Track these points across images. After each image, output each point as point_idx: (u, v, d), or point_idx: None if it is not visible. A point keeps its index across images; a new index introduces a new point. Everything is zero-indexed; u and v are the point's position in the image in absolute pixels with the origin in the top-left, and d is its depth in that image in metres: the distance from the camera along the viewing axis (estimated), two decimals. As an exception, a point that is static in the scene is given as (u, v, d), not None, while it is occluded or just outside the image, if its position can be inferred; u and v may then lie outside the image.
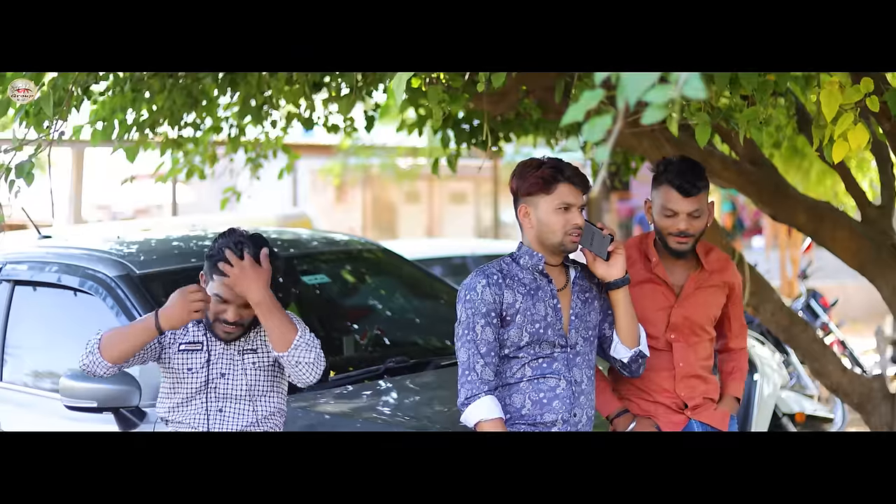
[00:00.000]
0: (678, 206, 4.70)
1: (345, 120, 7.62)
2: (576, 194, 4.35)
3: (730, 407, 4.90)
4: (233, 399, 4.55)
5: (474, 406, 4.29)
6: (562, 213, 4.34)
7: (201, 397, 4.54)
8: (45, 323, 6.00)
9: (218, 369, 4.55)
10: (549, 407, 4.36)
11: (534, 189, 4.36)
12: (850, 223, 6.39)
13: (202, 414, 4.54)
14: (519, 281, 4.40)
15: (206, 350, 4.56)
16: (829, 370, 6.66)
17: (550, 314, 4.39)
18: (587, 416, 4.44)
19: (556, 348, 4.39)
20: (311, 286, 6.07)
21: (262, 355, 4.60)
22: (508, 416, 4.36)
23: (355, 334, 5.97)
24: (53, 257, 5.97)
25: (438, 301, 6.46)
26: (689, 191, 4.68)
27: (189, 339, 4.56)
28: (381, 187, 26.80)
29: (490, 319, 4.33)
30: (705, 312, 4.87)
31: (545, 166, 4.35)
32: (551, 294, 4.41)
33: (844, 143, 4.47)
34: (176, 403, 4.57)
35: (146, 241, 6.30)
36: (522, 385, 4.37)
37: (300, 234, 6.78)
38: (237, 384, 4.56)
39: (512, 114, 6.67)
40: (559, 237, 4.36)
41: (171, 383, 4.58)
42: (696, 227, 4.74)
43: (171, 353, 4.56)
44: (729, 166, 6.39)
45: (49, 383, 5.69)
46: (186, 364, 4.55)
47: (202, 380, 4.54)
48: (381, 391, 5.34)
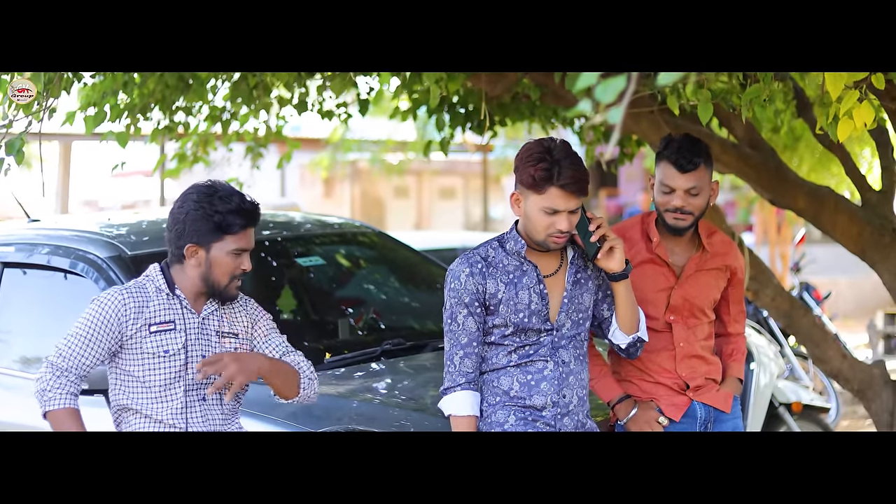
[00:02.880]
0: (675, 183, 4.64)
1: (338, 106, 7.54)
2: (567, 199, 4.19)
3: (733, 388, 4.84)
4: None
5: (449, 399, 4.29)
6: (548, 215, 4.22)
7: (180, 384, 4.30)
8: (35, 305, 5.91)
9: (197, 351, 4.32)
10: (536, 389, 4.29)
11: (526, 183, 4.25)
12: (851, 208, 6.33)
13: (180, 403, 4.30)
14: (503, 269, 4.31)
15: (183, 330, 4.32)
16: (830, 356, 6.60)
17: (536, 301, 4.31)
18: (577, 396, 4.36)
19: (542, 333, 4.32)
20: (306, 268, 5.99)
21: (242, 340, 4.42)
22: (498, 398, 4.31)
23: (350, 317, 5.89)
24: (43, 239, 5.87)
25: (434, 284, 6.39)
26: (684, 166, 4.62)
27: (160, 319, 4.31)
28: (370, 182, 26.76)
29: (473, 309, 4.28)
30: (705, 295, 4.80)
31: (542, 165, 4.18)
32: (537, 280, 4.32)
33: (850, 121, 4.41)
34: (154, 390, 4.30)
35: (137, 223, 6.22)
36: (510, 369, 4.31)
37: (293, 216, 6.70)
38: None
39: (508, 97, 6.58)
40: (541, 237, 4.26)
41: (146, 370, 4.30)
42: (695, 205, 4.67)
43: (139, 337, 4.28)
44: (728, 150, 6.32)
45: (39, 366, 5.59)
46: (162, 346, 4.28)
47: (181, 363, 4.30)
48: (377, 373, 5.27)
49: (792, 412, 7.20)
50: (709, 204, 4.74)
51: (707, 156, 4.69)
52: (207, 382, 4.31)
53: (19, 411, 5.54)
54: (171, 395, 4.30)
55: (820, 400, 7.48)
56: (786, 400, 7.20)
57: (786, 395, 7.24)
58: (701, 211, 4.71)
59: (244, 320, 4.45)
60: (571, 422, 4.34)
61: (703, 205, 4.70)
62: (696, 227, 4.79)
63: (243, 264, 4.31)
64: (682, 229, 4.72)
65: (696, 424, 4.72)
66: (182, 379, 4.30)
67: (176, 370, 4.30)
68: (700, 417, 4.73)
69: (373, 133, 19.42)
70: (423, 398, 4.90)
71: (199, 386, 4.32)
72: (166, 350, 4.29)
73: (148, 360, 4.29)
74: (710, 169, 4.72)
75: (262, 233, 5.87)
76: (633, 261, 4.62)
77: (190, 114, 7.30)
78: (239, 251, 4.30)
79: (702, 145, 4.70)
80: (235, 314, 4.44)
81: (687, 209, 4.67)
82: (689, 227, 4.72)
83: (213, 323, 4.38)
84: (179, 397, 4.30)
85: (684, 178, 4.64)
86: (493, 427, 4.30)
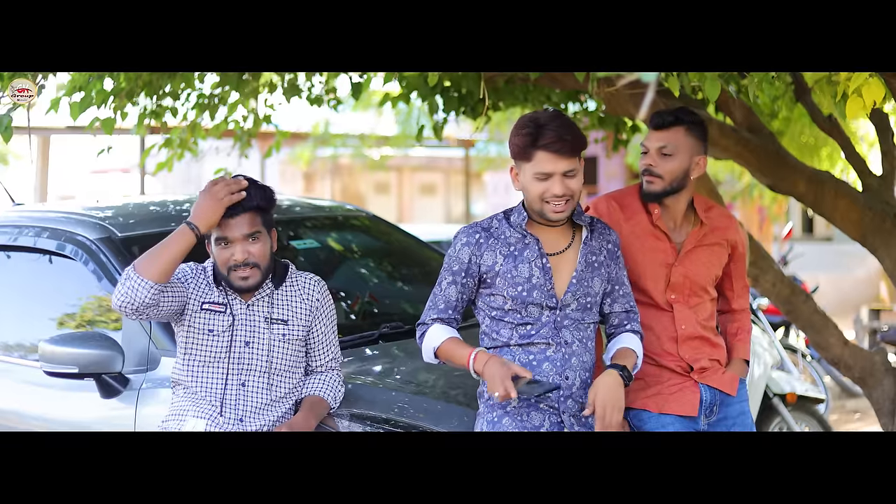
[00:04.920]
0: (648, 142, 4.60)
1: (327, 91, 7.44)
2: (556, 162, 4.11)
3: (739, 370, 4.74)
4: (257, 372, 4.45)
5: (426, 338, 4.28)
6: (540, 181, 4.14)
7: (222, 365, 4.43)
8: (21, 289, 5.78)
9: (242, 336, 4.44)
10: (539, 370, 4.21)
11: (516, 153, 4.20)
12: (852, 193, 6.26)
13: (219, 384, 4.43)
14: (504, 240, 4.25)
15: (231, 314, 4.44)
16: (831, 343, 6.52)
17: (537, 275, 4.22)
18: (580, 378, 4.26)
19: (545, 310, 4.23)
20: (300, 251, 5.88)
21: (293, 327, 4.51)
22: None
23: (345, 301, 5.79)
24: (29, 221, 5.74)
25: (428, 267, 6.29)
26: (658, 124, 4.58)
27: (213, 299, 4.44)
28: (351, 177, 26.72)
29: (458, 279, 4.26)
30: (706, 272, 4.69)
31: (524, 131, 4.14)
32: (539, 254, 4.23)
33: (859, 98, 4.35)
34: (193, 367, 4.45)
35: (124, 206, 6.10)
36: (512, 348, 4.24)
37: (284, 200, 6.58)
38: (262, 356, 4.45)
39: (502, 81, 6.48)
40: (538, 206, 4.18)
41: (189, 345, 4.45)
42: (665, 169, 4.56)
43: (192, 310, 4.42)
44: (727, 133, 6.23)
45: (26, 351, 5.49)
46: (207, 325, 4.43)
47: (223, 344, 4.43)
48: (374, 357, 5.18)
49: (786, 403, 7.14)
50: (688, 175, 4.62)
51: (690, 123, 4.59)
52: (249, 368, 4.43)
53: (6, 396, 5.43)
54: (209, 373, 4.44)
55: (814, 391, 7.43)
56: (780, 391, 7.14)
57: (780, 385, 7.18)
58: (673, 177, 4.57)
59: (302, 307, 4.54)
60: (575, 404, 4.26)
61: (675, 170, 4.57)
62: (693, 202, 4.68)
63: (234, 255, 4.36)
64: (651, 194, 4.60)
65: (702, 408, 4.61)
66: (222, 360, 4.43)
67: (217, 351, 4.42)
68: (705, 401, 4.63)
69: (354, 128, 19.33)
70: (423, 381, 4.80)
71: (240, 370, 4.44)
72: (211, 329, 4.43)
73: (194, 335, 4.43)
74: (693, 137, 4.60)
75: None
76: (634, 232, 4.59)
77: (177, 99, 7.18)
78: (221, 239, 4.38)
79: (686, 111, 4.62)
80: (290, 299, 4.53)
81: (656, 170, 4.57)
82: (659, 192, 4.60)
83: (261, 309, 4.48)
84: (219, 378, 4.43)
85: (656, 135, 4.57)
86: (496, 408, 4.25)
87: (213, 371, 4.44)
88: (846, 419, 10.50)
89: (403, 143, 17.31)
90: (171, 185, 19.45)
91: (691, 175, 4.61)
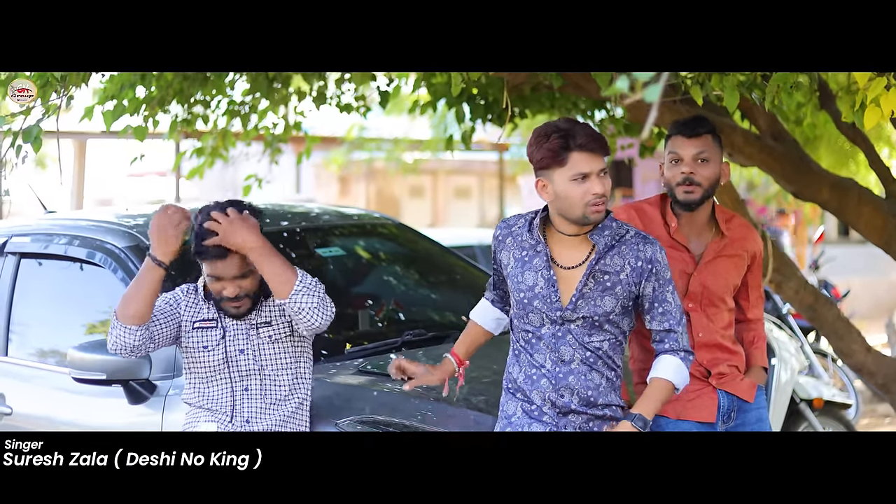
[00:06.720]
0: (682, 150, 4.60)
1: (357, 99, 7.50)
2: (592, 161, 4.11)
3: (758, 377, 4.76)
4: (256, 375, 4.57)
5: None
6: (578, 183, 4.12)
7: (224, 376, 4.58)
8: (52, 296, 5.87)
9: (236, 346, 4.58)
10: (536, 385, 4.22)
11: (547, 162, 4.15)
12: (876, 200, 6.27)
13: (227, 394, 4.57)
14: (519, 244, 4.28)
15: (221, 327, 4.59)
16: (854, 349, 6.53)
17: (542, 285, 4.21)
18: (579, 397, 4.20)
19: (546, 322, 4.22)
20: (326, 259, 5.94)
21: (276, 327, 4.61)
22: (510, 383, 4.31)
23: (371, 308, 5.83)
24: (60, 229, 5.83)
25: (454, 275, 6.33)
26: (690, 133, 4.60)
27: (203, 317, 4.59)
28: (385, 181, 26.74)
29: (493, 266, 4.49)
30: (724, 282, 4.71)
31: (554, 136, 4.12)
32: (546, 265, 4.22)
33: (877, 108, 4.35)
34: (197, 385, 4.61)
35: (153, 214, 6.14)
36: (519, 354, 4.28)
37: (311, 208, 6.64)
38: (257, 360, 4.57)
39: (528, 88, 6.53)
40: (580, 210, 4.14)
41: (190, 365, 4.61)
42: (704, 175, 4.59)
43: (186, 332, 4.58)
44: (751, 141, 6.26)
45: (56, 357, 5.57)
46: (201, 342, 4.58)
47: (220, 357, 4.57)
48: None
49: (813, 408, 7.13)
50: (719, 182, 4.66)
51: (714, 133, 4.64)
52: (249, 373, 4.58)
53: (37, 402, 5.51)
54: (214, 387, 4.59)
55: (841, 396, 7.41)
56: (807, 396, 7.13)
57: (807, 391, 7.17)
58: (710, 184, 4.62)
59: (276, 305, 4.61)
60: (571, 426, 4.21)
61: (712, 176, 4.61)
62: (714, 212, 4.72)
63: (226, 290, 4.50)
64: (693, 203, 4.62)
65: (720, 414, 4.64)
66: (223, 372, 4.58)
67: (216, 364, 4.57)
68: (723, 407, 4.65)
69: (388, 132, 19.36)
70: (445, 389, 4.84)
71: (241, 377, 4.58)
72: (205, 346, 4.58)
73: (192, 354, 4.59)
74: (718, 145, 4.65)
75: (280, 224, 5.83)
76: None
77: (208, 107, 7.27)
78: (211, 277, 4.51)
79: (708, 121, 4.67)
80: (270, 302, 4.63)
81: (696, 179, 4.59)
82: (699, 201, 4.62)
83: (249, 317, 4.61)
84: (225, 388, 4.58)
85: (691, 142, 4.59)
86: (502, 419, 4.29)
87: (217, 383, 4.59)
88: (877, 423, 10.47)
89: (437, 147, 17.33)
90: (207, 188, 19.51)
91: (722, 182, 4.67)
